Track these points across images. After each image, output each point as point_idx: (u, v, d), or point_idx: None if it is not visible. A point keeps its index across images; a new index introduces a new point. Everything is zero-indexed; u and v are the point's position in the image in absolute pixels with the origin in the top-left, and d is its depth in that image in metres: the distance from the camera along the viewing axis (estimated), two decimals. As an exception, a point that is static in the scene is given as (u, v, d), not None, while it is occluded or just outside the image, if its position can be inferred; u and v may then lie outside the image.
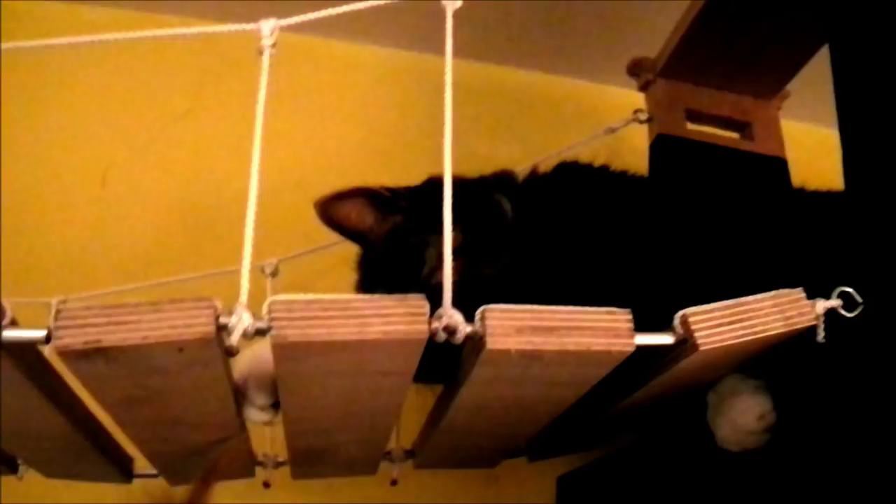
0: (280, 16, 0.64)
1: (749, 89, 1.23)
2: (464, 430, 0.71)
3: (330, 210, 0.92)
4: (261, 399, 0.64)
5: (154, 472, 0.83)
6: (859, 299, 0.61)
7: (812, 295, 0.62)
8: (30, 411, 0.61)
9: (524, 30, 1.37)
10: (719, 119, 1.22)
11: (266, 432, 0.83)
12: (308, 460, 0.80)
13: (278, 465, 0.86)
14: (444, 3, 0.63)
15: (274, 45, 0.62)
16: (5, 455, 0.79)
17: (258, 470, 0.87)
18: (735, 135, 1.23)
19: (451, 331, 0.50)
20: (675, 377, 0.63)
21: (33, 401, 0.58)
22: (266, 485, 0.88)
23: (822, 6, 0.84)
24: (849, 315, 0.61)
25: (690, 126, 1.20)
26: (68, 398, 0.63)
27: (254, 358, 0.63)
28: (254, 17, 1.24)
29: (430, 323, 0.50)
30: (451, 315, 0.50)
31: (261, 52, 0.61)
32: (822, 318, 0.61)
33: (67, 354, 0.49)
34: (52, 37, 1.28)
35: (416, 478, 0.91)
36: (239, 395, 0.63)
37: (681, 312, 0.57)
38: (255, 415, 0.66)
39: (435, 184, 0.97)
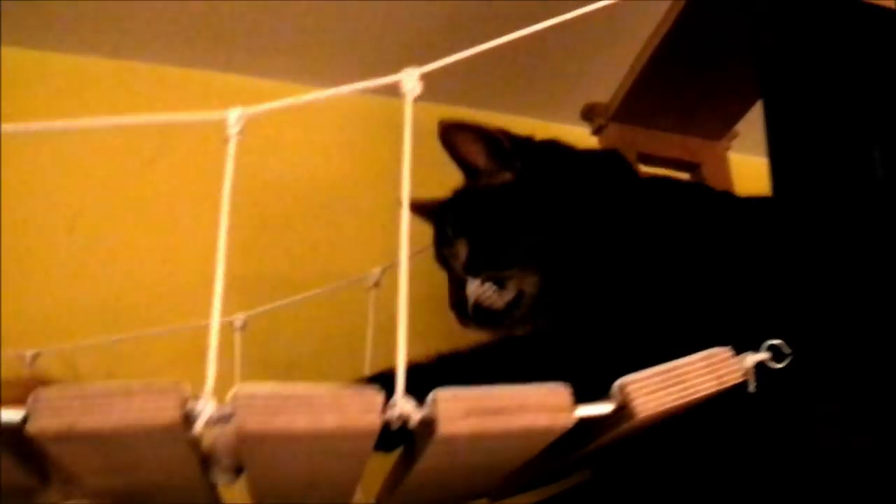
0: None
1: (698, 131, 1.29)
2: (422, 490, 0.74)
3: (450, 134, 0.97)
4: (227, 463, 0.65)
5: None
6: (787, 350, 0.64)
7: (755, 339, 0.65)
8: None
9: (487, 74, 1.41)
10: (670, 161, 1.28)
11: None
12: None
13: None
14: (404, 91, 0.66)
15: (240, 133, 0.63)
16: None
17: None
18: (686, 175, 1.28)
19: (404, 419, 0.54)
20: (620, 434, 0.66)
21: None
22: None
23: (756, 62, 0.88)
24: (777, 366, 0.64)
25: (642, 168, 1.25)
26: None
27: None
28: (239, 65, 1.27)
29: (383, 412, 0.53)
30: (403, 404, 0.54)
31: (226, 141, 0.63)
32: (752, 372, 0.64)
33: (43, 436, 0.52)
34: (31, 84, 1.33)
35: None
36: (206, 458, 0.65)
37: (618, 382, 0.61)
38: (222, 477, 0.67)
39: (555, 148, 1.05)
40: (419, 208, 1.05)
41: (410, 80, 0.66)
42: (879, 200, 0.78)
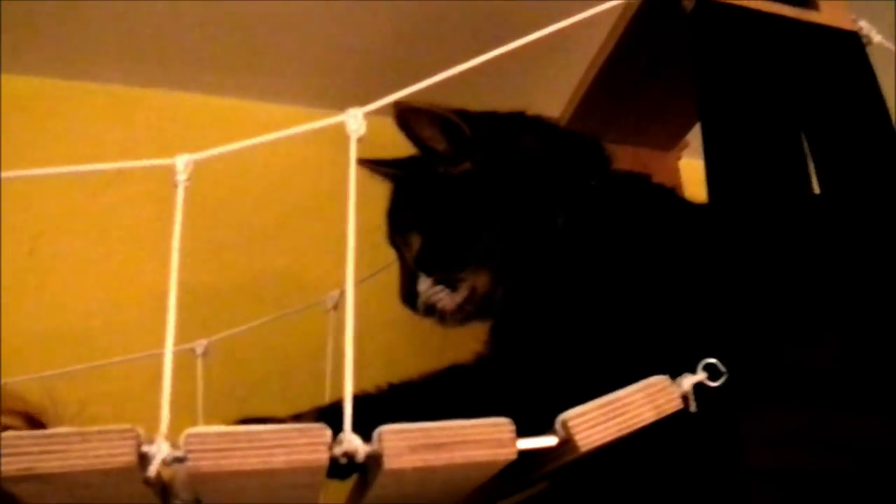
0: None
1: (649, 142, 1.32)
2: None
3: (407, 118, 0.91)
4: (185, 495, 0.67)
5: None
6: (723, 369, 0.67)
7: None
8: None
9: (439, 89, 1.43)
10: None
11: None
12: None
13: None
14: (348, 131, 0.68)
15: (188, 179, 0.65)
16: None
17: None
18: (636, 186, 1.30)
19: (350, 455, 0.56)
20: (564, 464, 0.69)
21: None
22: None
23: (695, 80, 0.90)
24: (713, 385, 0.66)
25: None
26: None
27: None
28: (213, 86, 1.28)
29: (331, 448, 0.56)
30: (350, 441, 0.56)
31: (175, 186, 0.65)
32: (690, 393, 0.66)
33: (5, 477, 0.54)
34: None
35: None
36: (165, 492, 0.67)
37: (560, 417, 0.63)
38: None
39: (519, 126, 1.01)
40: (376, 166, 1.01)
41: (355, 120, 0.68)
42: (815, 214, 0.81)
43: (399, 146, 0.95)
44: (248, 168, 1.51)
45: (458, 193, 0.95)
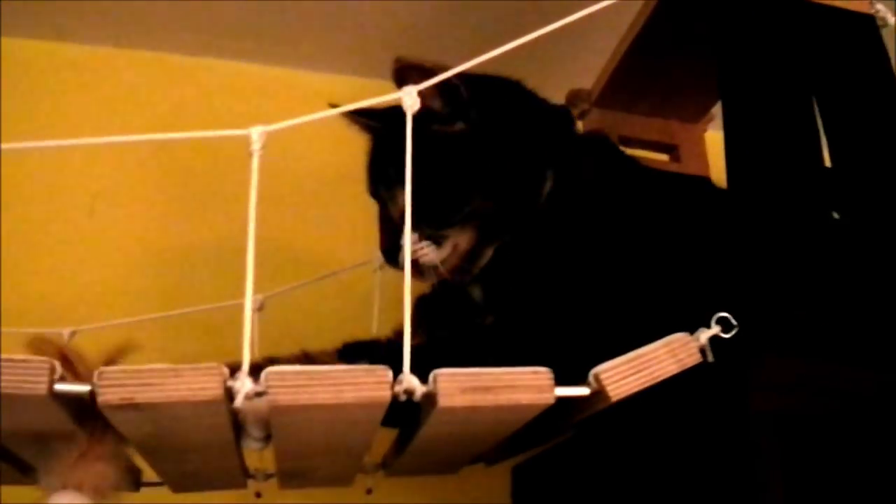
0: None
1: (676, 115, 1.37)
2: (425, 454, 0.85)
3: (404, 75, 0.88)
4: (256, 433, 0.74)
5: (159, 481, 0.94)
6: (735, 323, 0.74)
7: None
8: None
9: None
10: (649, 143, 1.37)
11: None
12: (294, 476, 0.92)
13: (268, 477, 0.96)
14: (405, 106, 0.75)
15: (262, 148, 0.71)
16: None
17: (249, 482, 0.97)
18: (664, 157, 1.37)
19: (409, 393, 0.64)
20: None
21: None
22: (258, 495, 0.98)
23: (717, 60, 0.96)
24: (726, 336, 0.74)
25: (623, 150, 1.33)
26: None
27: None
28: (240, 53, 1.35)
29: (392, 387, 0.64)
30: (409, 381, 0.64)
31: (251, 156, 0.71)
32: (707, 346, 0.74)
33: (107, 407, 0.62)
34: (33, 74, 1.41)
35: (387, 484, 1.01)
36: (238, 428, 0.75)
37: (593, 370, 0.70)
38: (251, 444, 0.76)
39: (511, 97, 1.03)
40: (357, 117, 1.03)
41: (410, 97, 0.75)
42: (824, 187, 0.88)
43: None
44: (300, 139, 1.57)
45: (450, 152, 0.97)
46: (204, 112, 1.59)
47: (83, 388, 0.63)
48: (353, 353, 0.95)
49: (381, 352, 0.93)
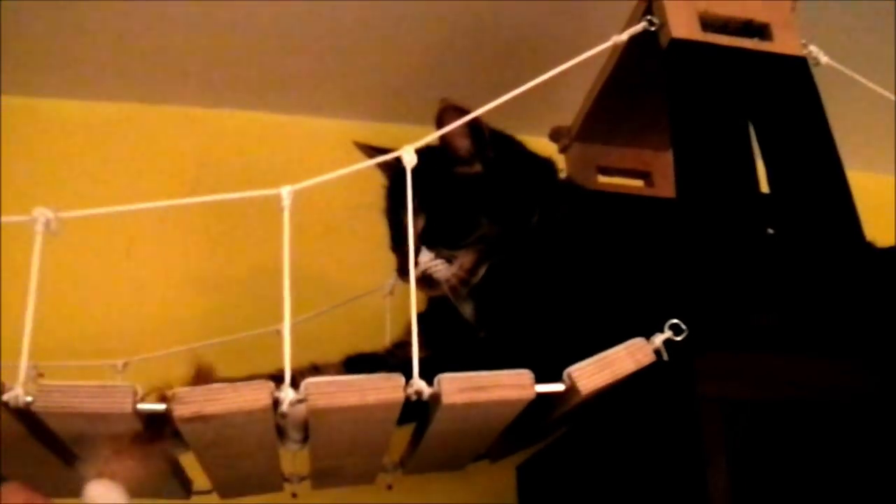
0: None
1: (649, 144, 1.50)
2: (436, 449, 1.01)
3: (444, 115, 1.06)
4: (295, 435, 0.89)
5: (207, 489, 1.09)
6: (684, 327, 0.90)
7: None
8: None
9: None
10: (625, 171, 1.50)
11: (290, 458, 1.07)
12: (325, 475, 1.08)
13: (301, 479, 1.11)
14: (404, 163, 0.91)
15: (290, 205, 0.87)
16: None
17: (286, 486, 1.12)
18: (640, 182, 1.50)
19: (419, 394, 0.81)
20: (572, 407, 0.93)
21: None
22: (294, 495, 1.13)
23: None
24: (678, 339, 0.90)
25: (601, 179, 1.48)
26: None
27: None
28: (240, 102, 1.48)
29: (405, 390, 0.80)
30: (419, 384, 0.81)
31: (281, 211, 0.86)
32: (662, 347, 0.90)
33: (180, 420, 0.78)
34: (55, 132, 1.55)
35: (405, 481, 1.15)
36: (280, 432, 0.90)
37: (566, 370, 0.86)
38: (291, 446, 0.91)
39: (513, 147, 1.24)
40: (374, 153, 1.15)
41: (408, 154, 0.91)
42: (762, 209, 1.03)
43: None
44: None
45: (468, 191, 1.16)
46: (226, 161, 1.74)
47: (160, 406, 0.78)
48: (357, 364, 1.12)
49: (384, 363, 1.12)
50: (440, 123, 1.06)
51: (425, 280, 1.13)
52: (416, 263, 1.10)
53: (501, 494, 1.40)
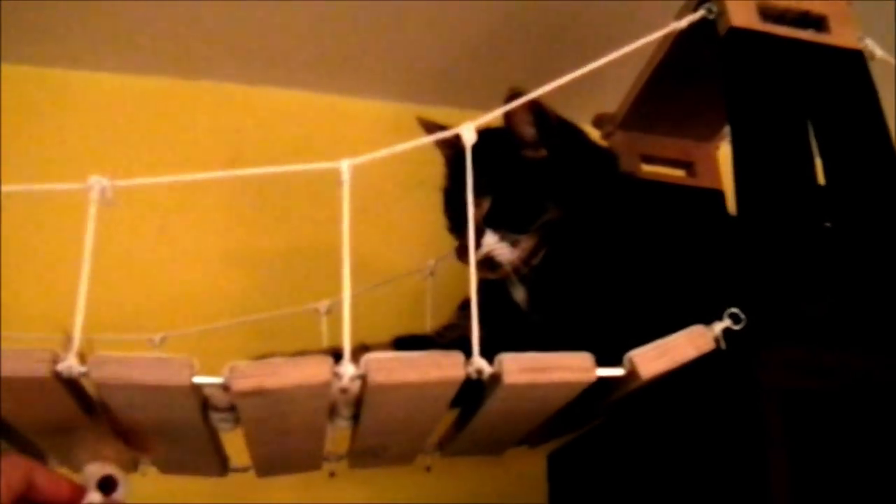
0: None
1: (692, 135, 1.49)
2: (482, 431, 1.00)
3: (515, 99, 1.04)
4: (346, 412, 0.89)
5: (244, 467, 1.08)
6: (743, 316, 0.89)
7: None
8: (188, 426, 0.87)
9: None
10: (668, 160, 1.48)
11: (329, 436, 1.03)
12: (365, 455, 1.07)
13: (339, 458, 1.10)
14: (464, 141, 0.90)
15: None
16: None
17: (324, 464, 1.12)
18: (682, 172, 1.49)
19: (479, 372, 0.80)
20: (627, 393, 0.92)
21: (196, 420, 0.85)
22: (332, 474, 1.13)
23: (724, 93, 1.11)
24: (736, 328, 0.89)
25: (644, 167, 1.46)
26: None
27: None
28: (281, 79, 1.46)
29: (466, 367, 0.79)
30: (479, 362, 0.80)
31: (340, 185, 0.85)
32: (720, 336, 0.89)
33: (239, 394, 0.77)
34: (85, 106, 1.55)
35: (442, 464, 1.15)
36: (332, 410, 0.89)
37: (627, 354, 0.85)
38: (341, 423, 0.90)
39: (579, 137, 1.24)
40: (437, 130, 1.11)
41: (468, 132, 0.90)
42: (819, 201, 1.02)
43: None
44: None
45: (533, 175, 1.15)
46: (265, 140, 1.72)
47: (217, 380, 0.77)
48: (407, 344, 1.11)
49: (433, 344, 1.11)
50: (508, 115, 1.07)
51: (487, 263, 1.12)
52: (480, 245, 1.10)
53: (533, 481, 1.39)
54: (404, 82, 1.80)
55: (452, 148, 1.18)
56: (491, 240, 1.12)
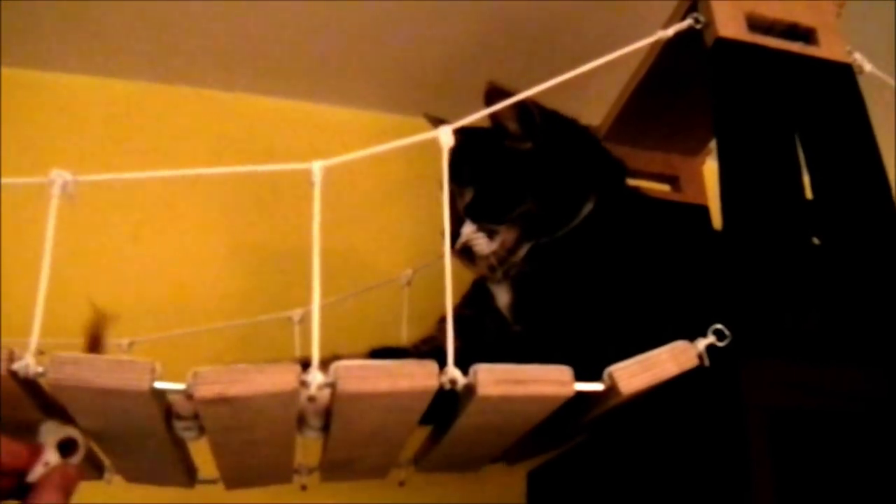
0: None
1: (677, 149, 1.48)
2: (457, 445, 0.96)
3: (494, 97, 1.04)
4: (315, 423, 0.86)
5: (212, 478, 1.04)
6: (728, 333, 0.87)
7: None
8: (151, 435, 0.84)
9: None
10: (653, 175, 1.47)
11: (300, 448, 1.02)
12: (337, 468, 1.03)
13: (311, 472, 1.07)
14: (441, 143, 0.87)
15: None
16: (96, 462, 0.97)
17: (294, 477, 1.08)
18: (667, 187, 1.48)
19: (453, 382, 0.76)
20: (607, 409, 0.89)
21: (160, 428, 0.82)
22: (303, 487, 1.09)
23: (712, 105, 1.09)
24: (721, 345, 0.87)
25: (629, 181, 1.43)
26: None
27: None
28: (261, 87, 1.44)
29: (439, 377, 0.76)
30: (453, 372, 0.77)
31: (312, 186, 0.81)
32: (704, 352, 0.87)
33: (202, 401, 0.73)
34: (75, 109, 1.52)
35: (417, 479, 1.12)
36: (300, 419, 0.86)
37: (607, 369, 0.83)
38: (310, 434, 0.87)
39: (572, 132, 1.23)
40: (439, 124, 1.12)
41: (446, 135, 0.87)
42: (806, 215, 1.00)
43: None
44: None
45: (515, 165, 1.15)
46: (243, 147, 1.70)
47: (179, 386, 0.74)
48: (382, 356, 1.07)
49: (409, 357, 1.06)
50: (488, 105, 1.04)
51: (465, 253, 1.13)
52: (460, 235, 1.11)
53: (512, 500, 1.37)
54: (386, 92, 1.79)
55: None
56: (468, 229, 1.12)
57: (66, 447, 0.77)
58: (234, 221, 1.64)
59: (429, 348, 1.07)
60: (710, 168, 1.50)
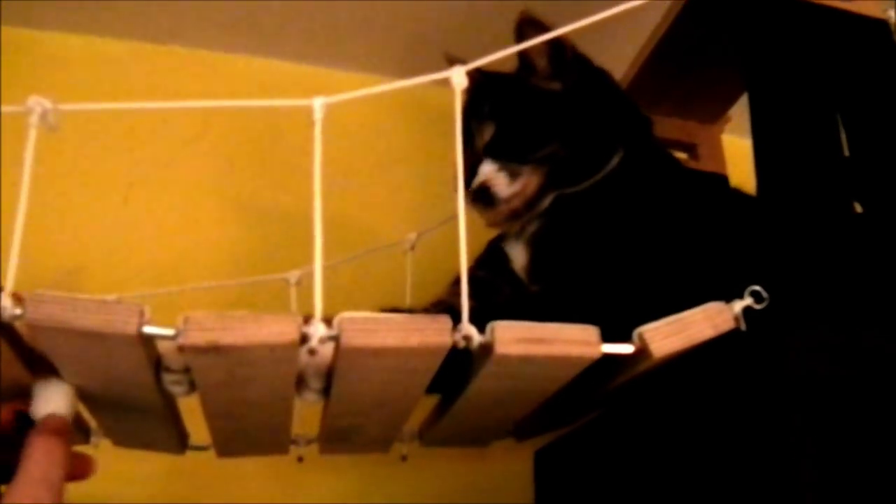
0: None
1: (695, 116, 1.43)
2: (468, 416, 0.90)
3: (524, 28, 0.99)
4: (315, 384, 0.79)
5: (204, 445, 0.98)
6: (765, 295, 0.80)
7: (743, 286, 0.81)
8: (139, 389, 0.77)
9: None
10: (669, 142, 1.40)
11: (297, 417, 0.95)
12: (337, 438, 0.97)
13: (309, 443, 1.01)
14: (453, 85, 0.80)
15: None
16: (83, 426, 0.92)
17: (291, 448, 1.01)
18: (684, 155, 1.42)
19: (468, 339, 0.69)
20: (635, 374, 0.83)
21: (148, 381, 0.75)
22: (300, 459, 1.03)
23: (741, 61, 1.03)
24: (758, 307, 0.80)
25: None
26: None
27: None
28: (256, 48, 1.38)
29: (453, 334, 0.69)
30: (468, 329, 0.69)
31: (312, 126, 0.77)
32: (740, 315, 0.80)
33: (191, 348, 0.66)
34: (69, 68, 1.46)
35: (421, 454, 1.06)
36: (299, 381, 0.79)
37: (637, 329, 0.76)
38: (309, 396, 0.81)
39: (605, 80, 1.14)
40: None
41: (459, 75, 0.80)
42: (843, 177, 0.94)
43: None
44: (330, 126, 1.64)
45: (542, 105, 1.07)
46: (238, 109, 1.63)
47: (169, 331, 0.67)
48: None
49: None
50: (519, 37, 0.99)
51: (483, 195, 1.04)
52: (477, 174, 1.03)
53: (518, 479, 1.31)
54: (385, 53, 1.72)
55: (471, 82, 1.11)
56: (488, 168, 1.04)
57: None
58: (229, 181, 1.59)
59: (439, 311, 0.99)
60: (728, 140, 1.45)
